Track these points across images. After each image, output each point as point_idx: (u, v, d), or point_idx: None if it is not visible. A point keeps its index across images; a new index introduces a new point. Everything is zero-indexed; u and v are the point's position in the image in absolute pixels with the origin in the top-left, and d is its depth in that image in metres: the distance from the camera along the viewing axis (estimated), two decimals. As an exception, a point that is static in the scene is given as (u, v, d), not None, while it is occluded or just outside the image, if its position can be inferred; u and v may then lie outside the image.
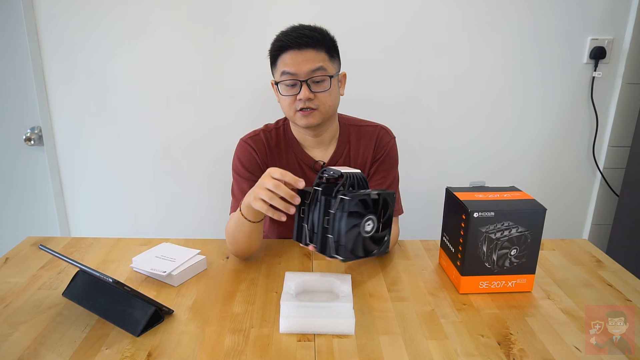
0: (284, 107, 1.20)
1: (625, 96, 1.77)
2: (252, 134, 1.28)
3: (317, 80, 1.15)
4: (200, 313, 0.95)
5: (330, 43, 1.18)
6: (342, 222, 0.87)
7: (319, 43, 1.15)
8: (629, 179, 1.77)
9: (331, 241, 0.88)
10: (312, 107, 1.15)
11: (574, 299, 1.01)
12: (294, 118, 1.19)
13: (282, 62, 1.16)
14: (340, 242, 0.88)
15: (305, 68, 1.13)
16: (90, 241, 1.26)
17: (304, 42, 1.13)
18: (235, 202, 1.25)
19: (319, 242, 0.91)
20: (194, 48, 1.67)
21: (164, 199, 1.84)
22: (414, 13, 1.66)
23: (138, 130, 1.76)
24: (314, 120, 1.17)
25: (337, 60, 1.22)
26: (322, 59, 1.15)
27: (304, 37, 1.13)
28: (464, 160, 1.83)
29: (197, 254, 1.12)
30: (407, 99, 1.75)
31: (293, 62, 1.14)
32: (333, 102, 1.19)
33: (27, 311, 0.95)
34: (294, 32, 1.15)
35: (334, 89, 1.19)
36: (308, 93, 1.14)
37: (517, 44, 1.70)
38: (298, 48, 1.13)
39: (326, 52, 1.16)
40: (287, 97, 1.17)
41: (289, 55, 1.14)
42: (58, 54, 1.67)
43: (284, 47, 1.15)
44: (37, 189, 1.84)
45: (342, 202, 0.86)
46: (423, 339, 0.88)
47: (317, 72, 1.14)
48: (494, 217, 0.98)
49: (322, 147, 1.27)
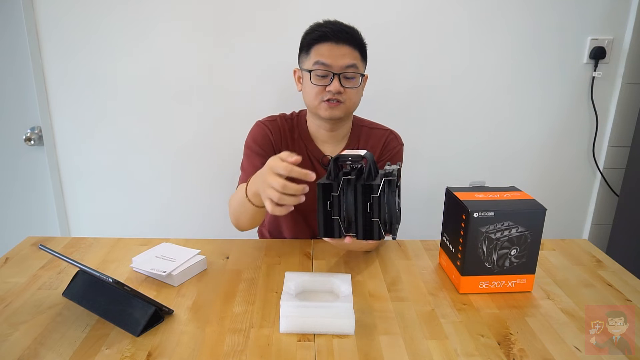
0: (309, 95, 1.21)
1: (625, 96, 1.77)
2: (270, 118, 1.31)
3: (349, 77, 1.18)
4: (200, 313, 0.95)
5: (363, 45, 1.22)
6: (390, 201, 0.88)
7: (356, 42, 1.19)
8: (629, 179, 1.77)
9: (376, 224, 0.89)
10: (340, 99, 1.18)
11: (574, 299, 1.01)
12: (317, 108, 1.20)
13: (317, 51, 1.17)
14: (393, 222, 0.89)
15: (341, 62, 1.16)
16: (90, 241, 1.26)
17: (343, 37, 1.16)
18: (245, 175, 1.24)
19: (360, 230, 0.91)
20: (195, 48, 1.67)
21: (164, 199, 1.84)
22: (413, 14, 1.66)
23: (138, 130, 1.76)
24: (338, 113, 1.19)
25: (365, 62, 1.25)
26: (356, 57, 1.18)
27: (343, 32, 1.17)
28: (464, 160, 1.83)
29: (197, 254, 1.12)
30: (407, 99, 1.75)
31: (330, 54, 1.16)
32: (357, 99, 1.23)
33: (27, 311, 0.95)
34: (334, 25, 1.18)
35: (361, 88, 1.22)
36: (339, 86, 1.16)
37: (517, 44, 1.70)
38: (336, 41, 1.16)
39: (359, 51, 1.20)
40: (316, 87, 1.18)
41: (326, 47, 1.16)
42: (58, 54, 1.67)
43: (322, 37, 1.17)
44: (37, 189, 1.84)
45: (388, 183, 0.87)
46: (423, 339, 0.88)
47: (351, 68, 1.17)
48: (494, 217, 0.98)
49: (334, 142, 1.29)
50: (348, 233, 0.92)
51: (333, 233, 0.93)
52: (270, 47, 1.68)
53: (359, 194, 0.89)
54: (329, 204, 0.91)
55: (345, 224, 0.92)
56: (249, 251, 1.21)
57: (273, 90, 1.72)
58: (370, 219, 0.89)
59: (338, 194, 0.90)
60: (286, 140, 1.29)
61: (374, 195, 0.87)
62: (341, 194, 0.90)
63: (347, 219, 0.91)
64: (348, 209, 0.91)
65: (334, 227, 0.93)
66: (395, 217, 0.90)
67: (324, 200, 0.91)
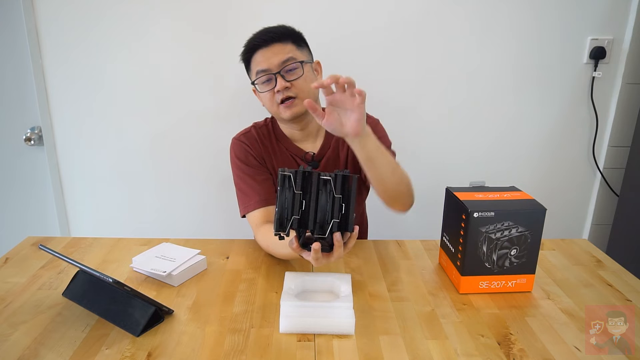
0: (266, 105, 1.23)
1: (625, 96, 1.77)
2: (244, 132, 1.31)
3: (290, 69, 1.17)
4: (200, 313, 0.95)
5: (295, 35, 1.22)
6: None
7: (284, 36, 1.19)
8: (629, 179, 1.77)
9: (335, 223, 0.85)
10: (291, 95, 1.17)
11: (574, 299, 1.01)
12: (278, 112, 1.21)
13: (255, 62, 1.20)
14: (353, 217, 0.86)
15: (275, 61, 1.16)
16: (90, 241, 1.26)
17: (270, 38, 1.17)
18: (246, 199, 1.23)
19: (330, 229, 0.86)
20: (196, 48, 1.67)
21: (164, 199, 1.84)
22: (414, 15, 1.66)
23: (138, 130, 1.76)
24: (297, 110, 1.19)
25: (307, 48, 1.25)
26: (289, 50, 1.18)
27: (268, 33, 1.18)
28: (464, 160, 1.83)
29: (197, 254, 1.12)
30: (407, 99, 1.75)
31: (264, 59, 1.17)
32: (310, 88, 1.18)
33: (27, 311, 0.95)
34: (260, 32, 1.21)
35: (309, 74, 1.20)
36: (283, 82, 1.16)
37: (516, 44, 1.70)
38: (266, 45, 1.18)
39: (293, 42, 1.20)
40: (267, 93, 1.19)
41: (259, 54, 1.18)
42: (58, 54, 1.67)
43: (253, 49, 1.20)
44: (37, 189, 1.84)
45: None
46: (423, 339, 0.88)
47: (288, 62, 1.17)
48: (494, 217, 0.98)
49: (310, 139, 1.29)
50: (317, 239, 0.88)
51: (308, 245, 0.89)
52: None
53: (328, 194, 0.86)
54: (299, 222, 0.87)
55: (317, 232, 0.86)
56: (249, 251, 1.21)
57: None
58: (333, 218, 0.85)
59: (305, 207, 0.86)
60: (266, 148, 1.28)
61: (337, 195, 0.84)
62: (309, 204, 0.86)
63: (319, 223, 0.86)
64: (317, 214, 0.86)
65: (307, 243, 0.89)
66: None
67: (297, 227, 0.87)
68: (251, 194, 1.21)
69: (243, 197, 1.24)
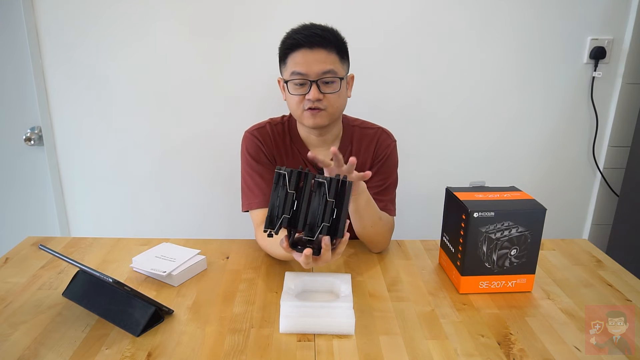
0: (291, 105, 1.19)
1: (625, 96, 1.77)
2: (258, 126, 1.28)
3: (327, 82, 1.14)
4: (200, 313, 0.95)
5: (342, 44, 1.17)
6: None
7: (331, 43, 1.14)
8: (629, 179, 1.77)
9: (326, 227, 0.86)
10: (321, 107, 1.14)
11: (574, 299, 1.01)
12: (301, 117, 1.18)
13: (293, 60, 1.14)
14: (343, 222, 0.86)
15: (316, 69, 1.12)
16: (90, 241, 1.26)
17: (316, 42, 1.12)
18: (251, 195, 1.22)
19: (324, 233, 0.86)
20: (196, 48, 1.67)
21: (164, 199, 1.84)
22: (414, 15, 1.66)
23: (138, 130, 1.76)
24: (321, 121, 1.16)
25: (347, 61, 1.21)
26: (333, 61, 1.14)
27: (316, 36, 1.12)
28: (464, 160, 1.83)
29: (197, 254, 1.12)
30: (408, 100, 1.75)
31: (304, 62, 1.12)
32: (341, 103, 1.19)
33: (27, 311, 0.95)
34: (306, 30, 1.14)
35: (343, 91, 1.18)
36: (317, 94, 1.12)
37: (517, 44, 1.70)
38: (310, 47, 1.12)
39: (337, 53, 1.15)
40: (296, 96, 1.15)
41: (300, 55, 1.12)
42: (58, 54, 1.67)
43: (295, 45, 1.13)
44: (37, 189, 1.84)
45: (350, 184, 0.86)
46: (423, 339, 0.88)
47: (328, 73, 1.13)
48: (494, 217, 0.98)
49: (326, 146, 1.27)
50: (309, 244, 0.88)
51: (297, 246, 0.90)
52: (270, 47, 1.67)
53: (324, 200, 0.86)
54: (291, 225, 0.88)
55: (308, 237, 0.87)
56: (249, 251, 1.21)
57: (272, 89, 1.71)
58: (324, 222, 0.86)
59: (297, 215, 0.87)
60: (278, 148, 1.26)
61: (330, 199, 0.85)
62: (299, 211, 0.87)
63: (309, 229, 0.87)
64: (308, 217, 0.87)
65: (297, 243, 0.90)
66: None
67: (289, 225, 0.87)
68: (256, 192, 1.20)
69: (248, 192, 1.23)
